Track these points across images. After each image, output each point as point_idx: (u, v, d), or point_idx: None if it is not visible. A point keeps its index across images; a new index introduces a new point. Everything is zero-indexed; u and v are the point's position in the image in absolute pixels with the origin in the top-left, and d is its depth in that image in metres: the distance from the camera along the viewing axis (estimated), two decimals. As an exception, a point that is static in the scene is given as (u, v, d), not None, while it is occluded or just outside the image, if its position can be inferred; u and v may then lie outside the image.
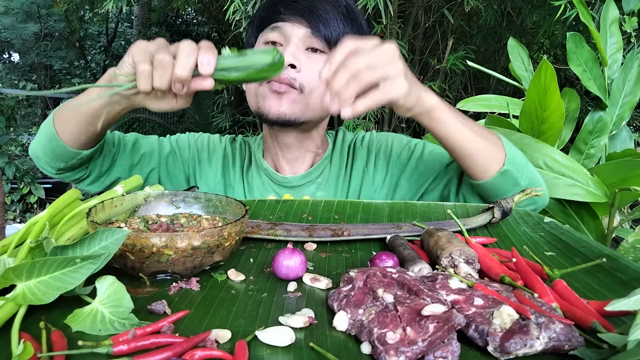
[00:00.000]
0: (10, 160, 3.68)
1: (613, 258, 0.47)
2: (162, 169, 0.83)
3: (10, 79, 6.35)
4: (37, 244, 0.39)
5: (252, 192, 0.83)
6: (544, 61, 0.64)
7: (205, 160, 0.86)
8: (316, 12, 0.73)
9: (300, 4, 0.74)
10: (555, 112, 0.69)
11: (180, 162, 0.85)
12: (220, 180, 0.85)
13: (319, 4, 0.74)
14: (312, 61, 0.74)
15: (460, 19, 1.98)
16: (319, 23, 0.73)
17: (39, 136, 0.74)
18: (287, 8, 0.74)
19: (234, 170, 0.85)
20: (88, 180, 0.77)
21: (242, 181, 0.85)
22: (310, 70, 0.73)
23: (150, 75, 0.53)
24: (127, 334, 0.32)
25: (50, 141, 0.70)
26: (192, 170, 0.85)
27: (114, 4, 1.65)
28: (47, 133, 0.71)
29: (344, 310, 0.36)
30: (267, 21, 0.76)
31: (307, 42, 0.74)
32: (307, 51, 0.75)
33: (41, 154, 0.74)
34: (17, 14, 5.33)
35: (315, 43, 0.74)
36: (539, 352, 0.32)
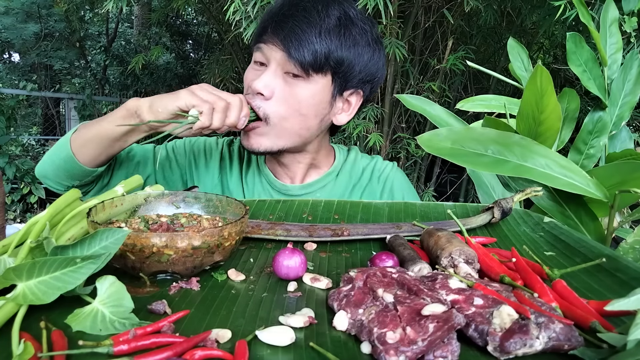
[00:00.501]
0: (10, 160, 3.68)
1: (613, 258, 0.47)
2: (159, 174, 0.84)
3: (10, 79, 6.35)
4: (37, 244, 0.39)
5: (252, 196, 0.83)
6: (538, 65, 0.64)
7: (202, 164, 0.86)
8: (291, 34, 0.69)
9: (279, 24, 0.70)
10: (552, 115, 0.69)
11: (176, 168, 0.85)
12: (218, 183, 0.85)
13: (298, 23, 0.69)
14: (287, 87, 0.72)
15: (460, 19, 1.98)
16: (291, 47, 0.69)
17: (51, 158, 0.75)
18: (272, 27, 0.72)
19: (231, 174, 0.85)
20: (92, 192, 0.79)
21: (241, 184, 0.84)
22: (281, 99, 0.71)
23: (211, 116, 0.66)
24: (127, 334, 0.32)
25: (66, 162, 0.73)
26: (189, 175, 0.85)
27: (114, 4, 1.65)
28: (63, 156, 0.73)
29: (344, 310, 0.36)
30: (257, 39, 0.75)
31: (285, 66, 0.71)
32: (286, 75, 0.72)
33: (52, 174, 0.75)
34: (17, 14, 5.34)
35: (291, 67, 0.70)
36: (539, 351, 0.32)
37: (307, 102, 0.72)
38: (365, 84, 0.77)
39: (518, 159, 0.63)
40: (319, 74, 0.71)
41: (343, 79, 0.74)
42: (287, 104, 0.72)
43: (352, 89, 0.76)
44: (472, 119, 1.00)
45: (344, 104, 0.79)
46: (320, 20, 0.69)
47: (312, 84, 0.72)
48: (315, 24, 0.69)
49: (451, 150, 0.64)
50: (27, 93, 4.53)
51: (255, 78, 0.72)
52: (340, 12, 0.71)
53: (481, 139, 0.64)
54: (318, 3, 0.71)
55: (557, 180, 0.63)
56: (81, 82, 5.49)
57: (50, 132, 5.77)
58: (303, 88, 0.72)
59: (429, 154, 2.26)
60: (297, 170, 0.82)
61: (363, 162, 0.87)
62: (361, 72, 0.74)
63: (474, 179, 0.98)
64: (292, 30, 0.69)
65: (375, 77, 0.78)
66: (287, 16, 0.70)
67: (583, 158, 0.85)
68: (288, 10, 0.70)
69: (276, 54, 0.71)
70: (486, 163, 0.62)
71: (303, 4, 0.71)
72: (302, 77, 0.71)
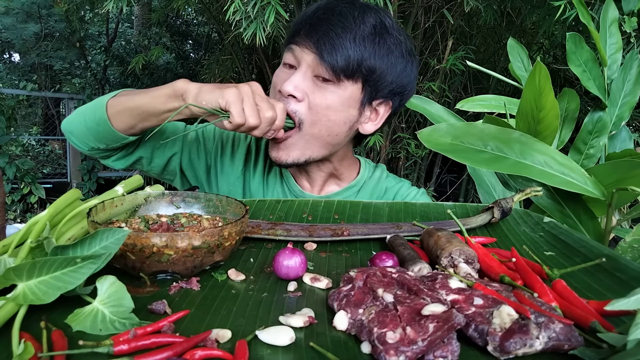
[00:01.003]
0: (10, 160, 3.68)
1: (612, 258, 0.47)
2: (185, 155, 0.83)
3: (10, 79, 6.35)
4: (37, 244, 0.39)
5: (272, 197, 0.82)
6: (537, 62, 0.64)
7: (228, 154, 0.84)
8: (324, 37, 0.68)
9: (313, 26, 0.69)
10: (551, 113, 0.69)
11: (203, 152, 0.84)
12: (240, 176, 0.83)
13: (333, 26, 0.68)
14: (318, 90, 0.70)
15: (460, 19, 1.98)
16: (324, 50, 0.67)
17: (83, 117, 0.75)
18: (305, 30, 0.70)
19: (254, 170, 0.84)
20: (115, 157, 0.79)
21: (263, 184, 0.83)
22: (311, 102, 0.70)
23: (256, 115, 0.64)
24: (127, 334, 0.32)
25: (98, 124, 0.73)
26: (213, 161, 0.84)
27: (114, 5, 1.65)
28: (96, 117, 0.72)
29: (344, 309, 0.36)
30: (289, 40, 0.74)
31: (316, 69, 0.70)
32: (316, 78, 0.71)
33: (79, 133, 0.75)
34: (17, 14, 5.34)
35: (322, 71, 0.69)
36: (539, 351, 0.32)
37: (336, 107, 0.71)
38: (395, 96, 0.76)
39: (517, 156, 0.63)
40: (349, 80, 0.70)
41: (374, 87, 0.72)
42: (317, 108, 0.71)
43: (382, 98, 0.75)
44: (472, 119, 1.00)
45: (372, 113, 0.77)
46: (356, 26, 0.68)
47: (342, 90, 0.70)
48: (350, 29, 0.68)
49: (451, 145, 0.64)
50: (27, 93, 4.52)
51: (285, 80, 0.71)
52: (376, 20, 0.70)
53: (481, 135, 0.64)
54: (354, 9, 0.70)
55: (554, 178, 0.63)
56: (81, 82, 5.49)
57: (51, 132, 5.77)
58: (333, 93, 0.70)
59: (428, 154, 2.26)
60: (317, 177, 0.81)
61: (388, 182, 0.85)
62: (392, 82, 0.73)
63: (475, 178, 0.98)
64: (326, 33, 0.68)
65: (406, 90, 0.76)
66: (321, 19, 0.69)
67: (583, 158, 0.85)
68: (323, 14, 0.70)
69: (308, 56, 0.70)
70: (485, 159, 0.62)
71: (339, 8, 0.70)
72: (333, 82, 0.70)
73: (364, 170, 0.85)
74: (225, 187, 0.84)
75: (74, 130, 0.76)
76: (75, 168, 4.33)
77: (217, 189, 0.85)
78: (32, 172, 3.82)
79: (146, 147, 0.80)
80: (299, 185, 0.82)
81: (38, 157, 5.53)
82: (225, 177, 0.84)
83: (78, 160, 4.34)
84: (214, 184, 0.85)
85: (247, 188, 0.83)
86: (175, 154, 0.82)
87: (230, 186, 0.83)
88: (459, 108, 0.94)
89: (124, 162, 0.80)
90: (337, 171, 0.82)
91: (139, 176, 0.56)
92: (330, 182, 0.83)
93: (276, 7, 1.29)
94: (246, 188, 0.83)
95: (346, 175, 0.83)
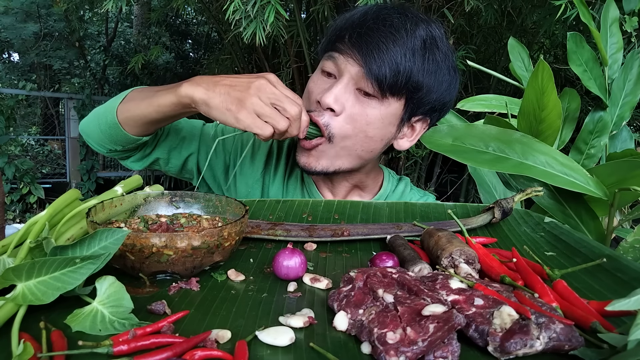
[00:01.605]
0: (10, 160, 3.68)
1: (613, 258, 0.47)
2: (202, 154, 0.81)
3: (9, 78, 6.35)
4: (36, 244, 0.39)
5: None
6: (540, 61, 0.64)
7: (248, 155, 0.81)
8: (374, 50, 0.63)
9: (362, 36, 0.64)
10: (553, 112, 0.69)
11: (221, 152, 0.81)
12: (259, 179, 0.81)
13: (382, 39, 0.63)
14: (358, 104, 0.66)
15: (461, 18, 1.98)
16: (373, 63, 0.63)
17: (97, 120, 0.74)
18: (350, 38, 0.65)
19: (275, 174, 0.81)
20: (132, 158, 0.78)
21: (282, 189, 0.81)
22: (350, 116, 0.67)
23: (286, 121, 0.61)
24: (127, 334, 0.32)
25: (110, 128, 0.72)
26: (232, 162, 0.82)
27: (113, 4, 1.64)
28: (108, 121, 0.72)
29: (344, 310, 0.36)
30: (330, 46, 0.69)
31: (359, 82, 0.66)
32: (357, 92, 0.67)
33: (95, 136, 0.75)
34: (16, 14, 5.33)
35: (366, 85, 0.65)
36: (539, 352, 0.32)
37: (376, 124, 0.67)
38: (434, 112, 0.72)
39: (519, 157, 0.63)
40: (394, 96, 0.66)
41: (416, 104, 0.68)
42: (355, 123, 0.67)
43: (421, 115, 0.72)
44: (472, 119, 1.00)
45: (409, 129, 0.74)
46: (408, 39, 0.64)
47: (385, 106, 0.67)
48: (402, 43, 0.63)
49: (452, 146, 0.64)
50: (26, 93, 4.52)
51: (324, 90, 0.67)
52: (427, 34, 0.66)
53: (482, 136, 0.64)
54: (407, 20, 0.65)
55: (557, 178, 0.63)
56: (80, 82, 5.49)
57: (50, 132, 5.76)
58: (374, 108, 0.66)
59: (429, 154, 2.26)
60: (341, 188, 0.79)
61: (412, 195, 0.83)
62: (436, 100, 0.69)
63: (476, 178, 0.98)
64: (376, 45, 0.63)
65: (446, 107, 0.73)
66: (371, 29, 0.64)
67: (584, 158, 0.85)
68: (373, 23, 0.65)
69: (352, 67, 0.65)
70: (487, 160, 0.62)
71: (390, 19, 0.65)
72: (376, 98, 0.66)
73: (387, 183, 0.82)
74: (243, 188, 0.82)
75: (90, 133, 0.76)
76: (75, 168, 4.33)
77: (235, 190, 0.82)
78: (31, 172, 3.82)
79: (163, 148, 0.79)
80: (320, 194, 0.79)
81: (37, 157, 5.53)
82: (244, 179, 0.81)
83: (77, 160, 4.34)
84: (232, 184, 0.83)
85: (266, 191, 0.81)
86: (192, 154, 0.80)
87: (249, 188, 0.81)
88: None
89: (142, 164, 0.79)
90: (362, 183, 0.79)
91: (138, 176, 0.56)
92: (353, 194, 0.81)
93: (276, 7, 1.29)
94: (265, 191, 0.81)
95: (370, 188, 0.81)
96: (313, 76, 0.73)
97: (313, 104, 0.70)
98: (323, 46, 0.72)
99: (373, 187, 0.82)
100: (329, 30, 0.72)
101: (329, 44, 0.70)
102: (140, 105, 0.68)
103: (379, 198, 0.81)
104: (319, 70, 0.72)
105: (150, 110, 0.67)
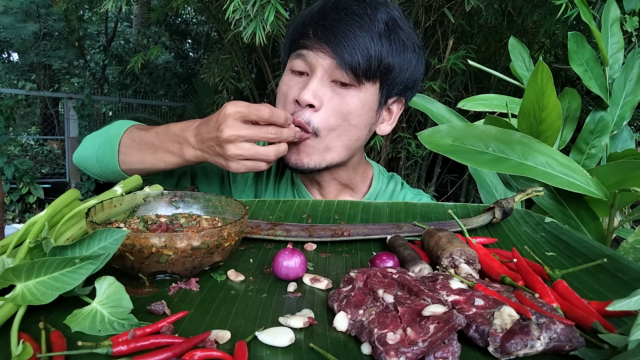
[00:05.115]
0: (9, 160, 3.68)
1: (614, 258, 0.47)
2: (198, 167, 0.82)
3: (9, 78, 6.34)
4: (36, 244, 0.39)
5: None
6: (539, 62, 0.64)
7: None
8: (343, 39, 0.64)
9: (328, 28, 0.65)
10: (553, 113, 0.69)
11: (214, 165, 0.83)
12: (251, 186, 0.82)
13: (348, 27, 0.64)
14: (336, 96, 0.67)
15: (461, 18, 1.98)
16: (345, 52, 0.64)
17: (98, 163, 0.75)
18: (315, 32, 0.66)
19: (267, 180, 0.82)
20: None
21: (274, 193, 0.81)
22: (330, 109, 0.67)
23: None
24: (126, 335, 0.32)
25: (114, 174, 0.74)
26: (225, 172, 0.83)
27: (113, 4, 1.64)
28: (110, 169, 0.73)
29: (344, 310, 0.36)
30: (295, 45, 0.69)
31: (333, 74, 0.67)
32: (333, 84, 0.67)
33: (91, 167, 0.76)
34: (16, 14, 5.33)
35: (341, 76, 0.66)
36: (540, 352, 0.32)
37: (357, 111, 0.68)
38: (407, 91, 0.74)
39: (519, 157, 0.63)
40: (369, 81, 0.67)
41: (390, 86, 0.70)
42: (337, 115, 0.68)
43: (396, 96, 0.73)
44: (473, 119, 0.99)
45: (387, 113, 0.76)
46: (372, 24, 0.65)
47: (362, 92, 0.68)
48: (368, 28, 0.65)
49: (452, 147, 0.63)
50: (25, 93, 4.52)
51: (299, 89, 0.67)
52: (387, 16, 0.67)
53: (482, 137, 0.64)
54: (366, 6, 0.66)
55: (557, 179, 0.63)
56: (80, 82, 5.48)
57: (49, 132, 5.76)
58: (353, 97, 0.68)
59: (429, 154, 2.26)
60: (330, 189, 0.79)
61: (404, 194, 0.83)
62: (408, 78, 0.71)
63: (476, 178, 0.98)
64: (344, 34, 0.64)
65: (417, 84, 0.74)
66: (335, 20, 0.65)
67: (584, 158, 0.85)
68: (335, 14, 0.65)
69: (324, 61, 0.66)
70: (487, 161, 0.62)
71: (351, 7, 0.66)
72: (353, 86, 0.67)
73: (377, 182, 0.82)
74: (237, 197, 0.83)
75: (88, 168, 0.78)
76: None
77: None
78: (31, 172, 3.82)
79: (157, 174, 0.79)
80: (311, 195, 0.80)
81: (37, 157, 5.53)
82: (237, 187, 0.82)
83: (77, 160, 4.33)
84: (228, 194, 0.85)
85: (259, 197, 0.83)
86: (184, 172, 0.81)
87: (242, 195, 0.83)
88: (460, 107, 0.94)
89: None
90: (351, 182, 0.79)
91: (137, 176, 0.56)
92: (343, 194, 0.81)
93: (276, 6, 1.29)
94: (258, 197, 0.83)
95: (360, 186, 0.81)
96: (283, 78, 0.73)
97: (290, 105, 0.70)
98: (286, 47, 0.73)
99: (362, 186, 0.82)
100: (289, 30, 0.73)
101: (292, 43, 0.71)
102: (143, 160, 0.71)
103: (369, 197, 0.81)
104: (287, 71, 0.72)
105: (152, 161, 0.70)
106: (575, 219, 0.72)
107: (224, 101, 3.09)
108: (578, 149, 0.86)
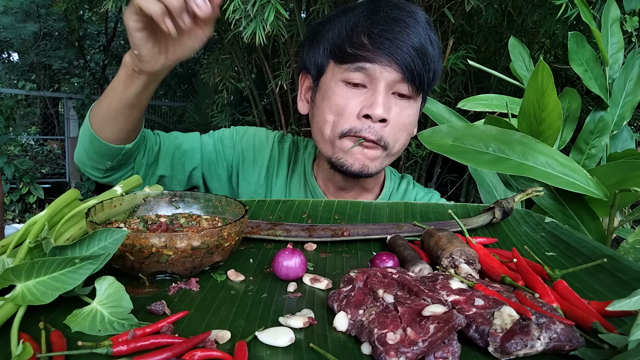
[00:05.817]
0: (9, 160, 3.68)
1: (614, 258, 0.47)
2: (205, 167, 0.81)
3: (9, 78, 6.34)
4: (36, 244, 0.39)
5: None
6: (540, 62, 0.64)
7: (250, 161, 0.82)
8: (409, 53, 0.63)
9: (392, 41, 0.63)
10: (553, 113, 0.69)
11: (223, 160, 0.82)
12: (263, 184, 0.82)
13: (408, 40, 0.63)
14: (398, 108, 0.68)
15: (461, 18, 1.98)
16: (413, 67, 0.63)
17: (81, 141, 0.73)
18: (374, 44, 0.64)
19: (277, 177, 0.82)
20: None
21: (285, 189, 0.81)
22: (396, 122, 0.68)
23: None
24: (126, 335, 0.32)
25: (92, 143, 0.70)
26: (234, 169, 0.82)
27: (113, 4, 1.64)
28: (87, 136, 0.71)
29: (344, 310, 0.36)
30: (350, 56, 0.66)
31: (395, 87, 0.67)
32: (393, 96, 0.68)
33: (86, 158, 0.73)
34: (16, 14, 5.33)
35: (404, 89, 0.66)
36: (540, 352, 0.32)
37: (414, 121, 0.71)
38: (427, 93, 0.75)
39: (519, 157, 0.63)
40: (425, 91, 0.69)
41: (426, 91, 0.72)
42: (401, 126, 0.69)
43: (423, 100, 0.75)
44: (473, 119, 0.99)
45: None
46: (424, 34, 0.65)
47: (417, 103, 0.70)
48: (426, 40, 0.65)
49: (452, 147, 0.63)
50: (25, 93, 4.51)
51: (361, 102, 0.67)
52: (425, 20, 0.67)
53: (482, 137, 0.64)
54: (409, 15, 0.65)
55: (557, 179, 0.63)
56: (80, 82, 5.48)
57: (49, 132, 5.76)
58: (411, 108, 0.70)
59: (429, 153, 2.26)
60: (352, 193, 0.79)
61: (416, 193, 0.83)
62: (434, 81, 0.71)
63: (476, 178, 0.98)
64: (409, 49, 0.64)
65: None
66: (393, 32, 0.64)
67: (584, 158, 0.85)
68: (387, 25, 0.64)
69: (390, 75, 0.65)
70: (487, 161, 0.62)
71: (401, 16, 0.65)
72: (412, 97, 0.68)
73: (390, 182, 0.83)
74: (247, 195, 0.83)
75: (82, 159, 0.75)
76: (74, 168, 4.33)
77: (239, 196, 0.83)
78: (31, 172, 3.82)
79: (165, 164, 0.78)
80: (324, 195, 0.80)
81: (37, 157, 5.53)
82: (247, 184, 0.82)
83: (77, 160, 4.33)
84: (237, 191, 0.84)
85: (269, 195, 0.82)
86: (195, 168, 0.80)
87: (252, 194, 0.82)
88: (460, 107, 0.94)
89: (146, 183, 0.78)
90: (368, 184, 0.80)
91: (137, 176, 0.56)
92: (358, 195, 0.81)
93: (276, 6, 1.29)
94: (268, 195, 0.82)
95: (375, 188, 0.82)
96: (335, 89, 0.69)
97: (349, 118, 0.68)
98: (337, 55, 0.68)
99: (376, 187, 0.82)
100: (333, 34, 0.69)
101: (344, 53, 0.67)
102: (100, 103, 0.68)
103: (382, 198, 0.81)
104: (339, 82, 0.68)
105: (109, 98, 0.66)
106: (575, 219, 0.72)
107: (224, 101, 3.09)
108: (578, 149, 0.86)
